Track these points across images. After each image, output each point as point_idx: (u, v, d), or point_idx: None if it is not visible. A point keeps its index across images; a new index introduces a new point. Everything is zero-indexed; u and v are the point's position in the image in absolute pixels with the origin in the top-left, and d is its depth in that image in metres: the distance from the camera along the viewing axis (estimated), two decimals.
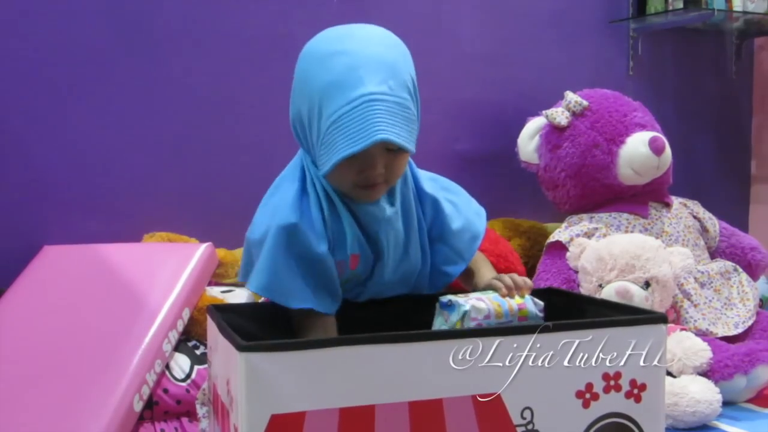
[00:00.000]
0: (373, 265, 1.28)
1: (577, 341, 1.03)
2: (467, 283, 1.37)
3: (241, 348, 0.91)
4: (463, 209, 1.37)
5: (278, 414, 0.90)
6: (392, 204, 1.26)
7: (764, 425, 1.63)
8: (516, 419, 1.00)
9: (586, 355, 1.03)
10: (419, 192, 1.33)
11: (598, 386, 1.04)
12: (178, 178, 2.05)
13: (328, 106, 1.14)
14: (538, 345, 1.01)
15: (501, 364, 0.99)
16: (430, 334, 0.98)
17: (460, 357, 0.97)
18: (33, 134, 1.92)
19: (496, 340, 0.99)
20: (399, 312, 1.29)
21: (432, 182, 1.36)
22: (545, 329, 1.02)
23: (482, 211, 1.40)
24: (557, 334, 1.02)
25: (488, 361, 0.99)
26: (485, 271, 1.36)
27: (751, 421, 1.65)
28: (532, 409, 1.01)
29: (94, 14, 1.97)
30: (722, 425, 1.63)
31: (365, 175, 1.18)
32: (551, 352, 1.02)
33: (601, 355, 1.04)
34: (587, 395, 1.04)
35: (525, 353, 1.00)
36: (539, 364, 1.01)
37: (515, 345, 1.00)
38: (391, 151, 1.18)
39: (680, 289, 1.99)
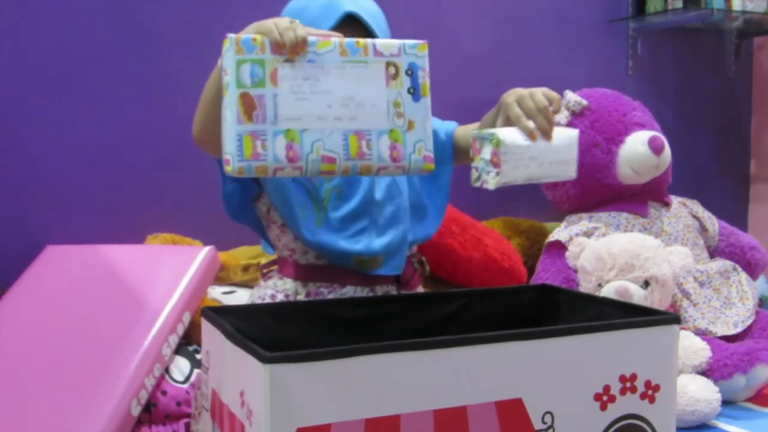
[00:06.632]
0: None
1: (594, 344, 1.03)
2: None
3: (265, 360, 0.88)
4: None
5: (304, 427, 0.88)
6: None
7: (763, 424, 1.63)
8: (537, 424, 0.99)
9: (603, 358, 1.03)
10: None
11: (615, 388, 1.04)
12: (182, 178, 2.05)
13: (305, 14, 1.25)
14: (558, 348, 1.01)
15: (522, 369, 0.99)
16: (456, 340, 0.96)
17: (482, 362, 0.97)
18: (36, 133, 1.92)
19: (517, 345, 0.99)
20: (393, 311, 1.29)
21: None
22: (561, 332, 1.01)
23: (452, 123, 1.46)
24: (575, 337, 1.01)
25: (509, 366, 0.98)
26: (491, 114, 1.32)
27: (750, 421, 1.65)
28: (553, 414, 1.00)
29: (93, 14, 1.97)
30: (721, 424, 1.63)
31: None
32: (570, 355, 1.01)
33: (617, 357, 1.04)
34: (605, 397, 1.03)
35: (545, 356, 1.00)
36: (559, 368, 1.00)
37: (535, 349, 0.99)
38: None
39: (679, 289, 2.00)
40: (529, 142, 1.13)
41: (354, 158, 1.04)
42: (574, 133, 1.19)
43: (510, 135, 1.13)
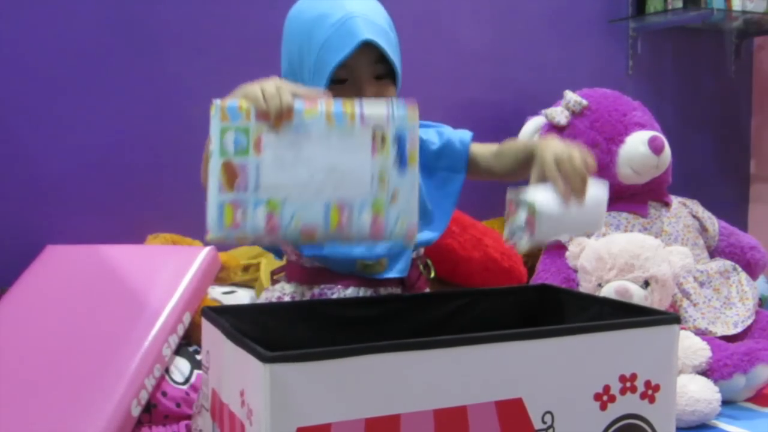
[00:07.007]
0: None
1: (594, 344, 1.03)
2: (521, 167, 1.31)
3: (265, 359, 0.88)
4: (444, 132, 1.42)
5: (304, 427, 0.88)
6: None
7: (763, 424, 1.64)
8: (537, 424, 0.99)
9: (603, 358, 1.03)
10: None
11: (615, 388, 1.04)
12: (182, 178, 2.05)
13: (317, 34, 1.24)
14: (558, 348, 1.01)
15: (522, 369, 0.99)
16: (456, 340, 0.95)
17: (482, 362, 0.97)
18: (37, 133, 1.92)
19: (518, 344, 0.99)
20: (393, 311, 1.29)
21: None
22: (561, 332, 1.01)
23: (467, 132, 1.44)
24: (576, 337, 1.01)
25: (509, 366, 0.98)
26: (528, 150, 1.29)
27: (750, 420, 1.65)
28: (553, 414, 1.00)
29: (94, 14, 1.97)
30: (721, 424, 1.63)
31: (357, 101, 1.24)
32: (570, 355, 1.01)
33: (617, 356, 1.04)
34: (605, 397, 1.03)
35: (545, 356, 1.00)
36: (559, 368, 1.00)
37: (535, 349, 0.99)
38: (380, 79, 1.27)
39: (679, 289, 2.00)
40: (562, 208, 1.14)
41: (333, 231, 1.02)
42: (604, 191, 1.20)
43: (546, 202, 1.13)
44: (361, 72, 1.26)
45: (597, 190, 1.19)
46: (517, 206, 1.16)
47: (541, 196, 1.15)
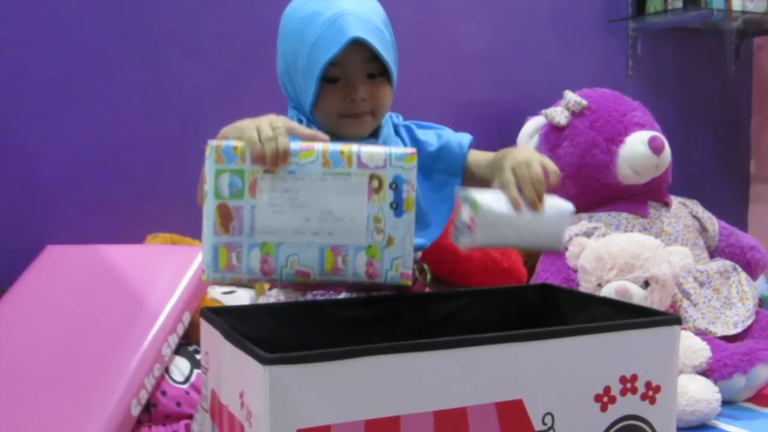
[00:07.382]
0: None
1: (595, 344, 1.03)
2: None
3: (265, 361, 0.88)
4: (444, 134, 1.41)
5: (303, 428, 0.88)
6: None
7: (763, 424, 1.64)
8: (537, 425, 0.99)
9: (603, 358, 1.03)
10: (395, 127, 1.38)
11: (616, 389, 1.04)
12: (182, 178, 2.05)
13: (308, 32, 1.23)
14: (559, 349, 1.01)
15: (522, 370, 0.99)
16: (456, 341, 0.95)
17: (482, 363, 0.97)
18: (36, 133, 1.93)
19: (518, 345, 0.99)
20: (393, 312, 1.28)
21: (413, 123, 1.42)
22: (562, 333, 1.01)
23: (466, 135, 1.42)
24: (576, 338, 1.01)
25: (510, 367, 0.98)
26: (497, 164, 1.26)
27: (750, 421, 1.65)
28: (553, 415, 1.00)
29: (93, 14, 1.97)
30: (721, 424, 1.63)
31: (349, 99, 1.24)
32: (571, 356, 1.01)
33: (618, 357, 1.04)
34: (605, 398, 1.03)
35: (545, 357, 1.00)
36: (560, 369, 1.00)
37: (536, 349, 0.99)
38: (373, 78, 1.26)
39: (679, 289, 1.99)
40: (510, 212, 1.10)
41: (328, 273, 1.03)
42: (566, 208, 1.16)
43: (490, 202, 1.10)
44: (354, 70, 1.24)
45: (559, 204, 1.15)
46: (462, 204, 1.13)
47: (488, 197, 1.11)
